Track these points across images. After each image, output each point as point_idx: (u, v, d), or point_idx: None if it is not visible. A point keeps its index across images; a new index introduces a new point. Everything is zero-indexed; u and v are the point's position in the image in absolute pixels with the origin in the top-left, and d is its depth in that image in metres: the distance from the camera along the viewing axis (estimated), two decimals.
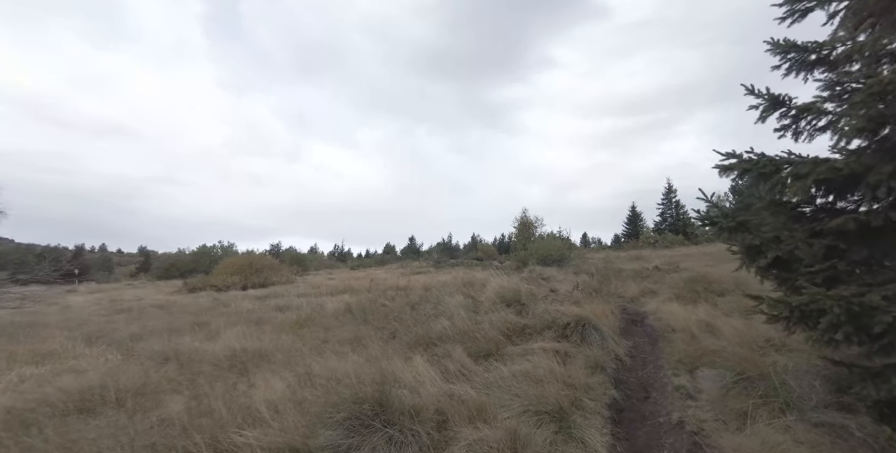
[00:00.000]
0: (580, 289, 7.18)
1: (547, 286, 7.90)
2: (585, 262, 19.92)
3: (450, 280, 11.47)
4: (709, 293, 7.54)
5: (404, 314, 6.24)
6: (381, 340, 4.80)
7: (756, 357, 4.00)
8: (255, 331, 5.81)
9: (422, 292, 8.53)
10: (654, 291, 8.97)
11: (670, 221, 34.31)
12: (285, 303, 8.59)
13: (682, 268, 11.82)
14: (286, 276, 20.63)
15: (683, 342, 4.84)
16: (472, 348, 4.25)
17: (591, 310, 5.99)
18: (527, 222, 26.79)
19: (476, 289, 7.78)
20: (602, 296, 8.05)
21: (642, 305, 8.16)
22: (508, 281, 7.24)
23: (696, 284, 8.27)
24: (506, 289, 6.69)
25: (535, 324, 5.14)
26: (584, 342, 4.68)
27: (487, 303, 6.29)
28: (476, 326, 4.86)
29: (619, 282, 11.02)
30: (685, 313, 6.09)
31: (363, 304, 7.51)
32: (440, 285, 10.20)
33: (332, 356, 3.88)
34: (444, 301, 6.35)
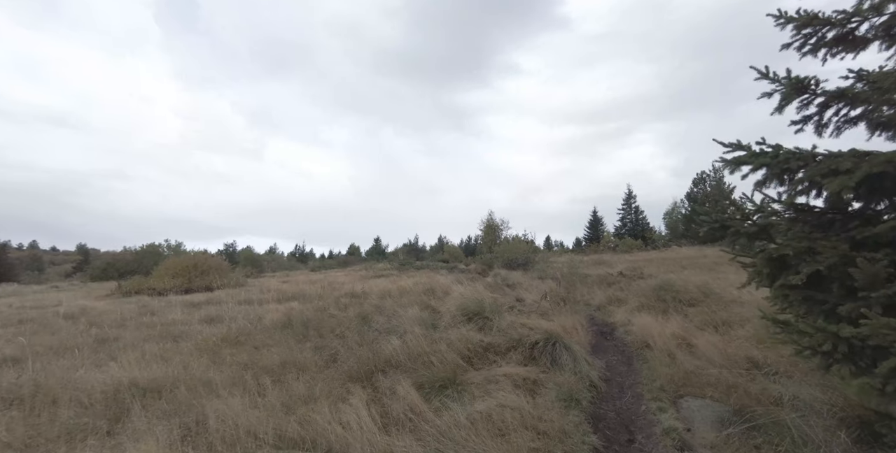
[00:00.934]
0: (548, 299, 6.62)
1: (513, 294, 7.30)
2: (550, 266, 19.70)
3: (411, 285, 10.67)
4: (678, 303, 7.21)
5: (353, 329, 5.40)
6: (317, 366, 3.96)
7: (745, 383, 3.53)
8: (167, 350, 4.78)
9: (378, 300, 7.70)
10: (622, 299, 8.60)
11: (630, 226, 35.16)
12: (220, 312, 7.48)
13: (647, 274, 11.64)
14: (236, 279, 19.04)
15: (661, 362, 4.34)
16: (425, 376, 3.50)
17: (561, 324, 5.42)
18: (493, 225, 26.43)
19: (437, 298, 7.05)
20: (570, 306, 7.56)
21: (610, 315, 7.74)
22: (472, 289, 6.56)
23: (664, 292, 7.95)
24: (469, 299, 5.99)
25: (501, 342, 4.47)
26: (554, 365, 4.06)
27: (448, 316, 5.57)
28: (432, 346, 4.11)
29: (584, 288, 10.65)
30: (657, 326, 5.64)
31: (308, 316, 6.59)
32: (400, 291, 9.38)
33: (244, 395, 3.01)
34: (399, 314, 5.57)
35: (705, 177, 28.47)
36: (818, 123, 2.30)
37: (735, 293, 7.14)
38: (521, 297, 7.06)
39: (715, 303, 6.70)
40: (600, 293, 9.66)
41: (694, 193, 29.06)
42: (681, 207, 30.80)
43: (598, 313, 8.24)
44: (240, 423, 2.40)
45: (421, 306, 6.41)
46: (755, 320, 5.41)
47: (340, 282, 16.10)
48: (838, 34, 2.30)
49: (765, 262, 2.18)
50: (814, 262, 1.91)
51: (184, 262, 17.46)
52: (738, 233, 2.24)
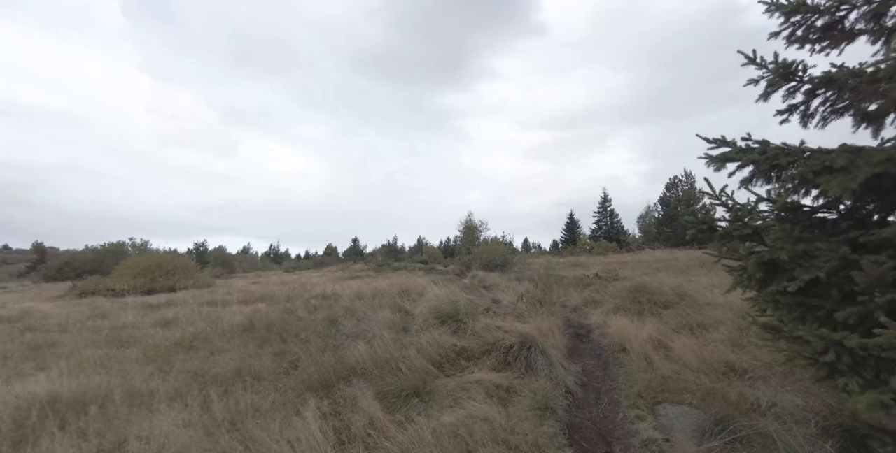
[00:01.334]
0: (524, 301, 6.45)
1: (489, 296, 7.10)
2: (527, 268, 19.71)
3: (385, 287, 10.35)
4: (653, 305, 7.17)
5: (319, 333, 5.07)
6: (275, 374, 3.63)
7: (723, 388, 3.43)
8: (110, 357, 4.34)
9: (349, 302, 7.36)
10: (598, 301, 8.54)
11: (605, 229, 35.76)
12: (178, 315, 6.98)
13: (622, 276, 11.69)
14: (204, 280, 18.18)
15: (638, 367, 4.21)
16: (392, 385, 3.23)
17: (537, 326, 5.24)
18: (471, 226, 26.30)
19: (411, 300, 6.78)
20: (546, 308, 7.42)
21: (586, 316, 7.65)
22: (447, 291, 6.32)
23: (639, 295, 7.93)
24: (443, 301, 5.75)
25: (474, 346, 4.24)
26: (529, 370, 3.86)
27: (421, 319, 5.31)
28: (401, 352, 3.84)
29: (561, 289, 10.59)
30: (633, 328, 5.54)
31: (273, 318, 6.20)
32: (374, 293, 9.05)
33: (185, 409, 2.66)
34: (369, 317, 5.27)
35: (678, 182, 29.23)
36: (804, 113, 2.18)
37: (708, 295, 7.17)
38: (497, 299, 6.87)
39: (689, 305, 6.69)
40: (576, 295, 9.60)
41: (667, 197, 29.79)
42: (654, 211, 31.54)
43: (575, 315, 8.14)
44: (168, 445, 2.08)
45: (393, 308, 6.12)
46: (729, 322, 5.39)
47: (314, 283, 15.57)
48: (827, 22, 2.18)
49: (756, 266, 2.02)
50: (812, 268, 1.75)
51: (146, 262, 16.53)
52: (728, 235, 2.08)
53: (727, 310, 5.92)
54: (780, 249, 1.87)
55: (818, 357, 1.74)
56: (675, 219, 27.84)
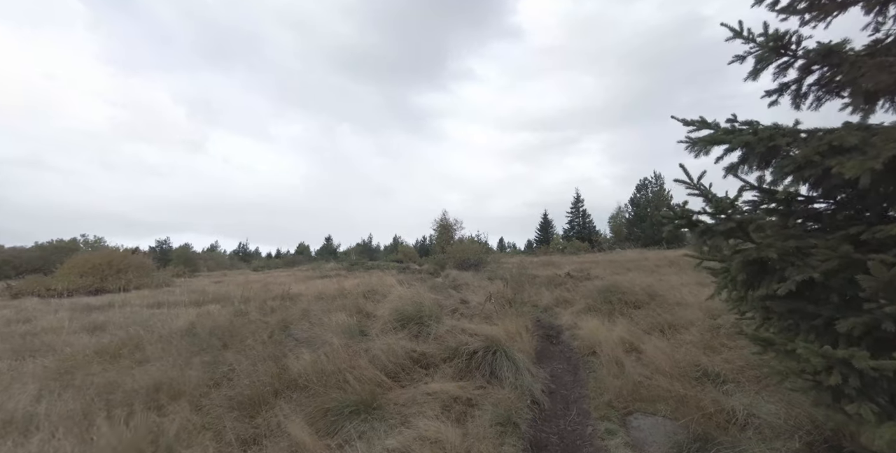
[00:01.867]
0: (493, 301, 6.13)
1: (458, 296, 6.74)
2: (501, 267, 19.54)
3: (352, 287, 9.85)
4: (624, 305, 7.02)
5: (266, 339, 4.58)
6: (202, 388, 3.13)
7: (697, 395, 3.19)
8: (9, 370, 3.72)
9: (308, 304, 6.84)
10: (569, 301, 8.36)
11: (577, 229, 36.24)
12: (114, 318, 6.28)
13: (593, 275, 11.62)
14: (162, 279, 17.05)
15: (608, 371, 3.95)
16: (335, 401, 2.81)
17: (504, 328, 4.93)
18: (446, 225, 25.98)
19: (374, 301, 6.34)
20: (516, 308, 7.14)
21: (557, 316, 7.43)
22: (412, 291, 5.92)
23: (610, 294, 7.78)
24: (407, 301, 5.35)
25: (435, 352, 3.87)
26: (493, 378, 3.52)
27: (381, 321, 4.89)
28: (352, 361, 3.42)
29: (533, 289, 10.38)
30: (604, 330, 5.32)
31: (221, 322, 5.63)
32: (339, 293, 8.55)
33: (67, 438, 2.16)
34: (325, 320, 4.82)
35: (648, 184, 29.87)
36: (796, 93, 1.92)
37: (678, 295, 7.09)
38: (466, 299, 6.53)
39: (660, 305, 6.55)
40: (548, 294, 9.40)
41: (637, 198, 30.40)
42: (625, 212, 32.15)
43: (545, 315, 7.92)
44: None
45: (354, 311, 5.67)
46: (700, 323, 5.25)
47: (279, 282, 14.83)
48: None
49: (741, 267, 1.73)
50: (805, 267, 1.48)
51: (95, 259, 15.30)
52: (710, 230, 1.78)
53: (697, 310, 5.79)
54: (768, 246, 1.59)
55: (819, 377, 1.46)
56: (645, 220, 28.44)
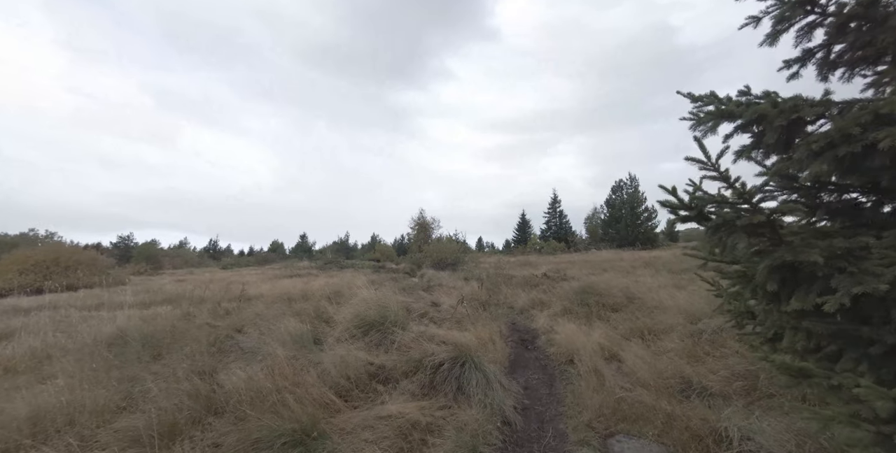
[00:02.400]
0: (464, 304, 5.71)
1: (429, 298, 6.29)
2: (478, 267, 19.21)
3: (319, 287, 9.25)
4: (601, 307, 6.74)
5: (207, 348, 4.00)
6: (105, 414, 2.57)
7: (685, 413, 2.86)
8: None
9: (265, 307, 6.25)
10: (545, 302, 8.05)
11: (554, 229, 36.42)
12: (33, 322, 5.51)
13: (570, 275, 11.40)
14: (118, 277, 15.87)
15: (587, 384, 3.59)
16: (267, 429, 2.30)
17: (476, 335, 4.51)
18: (424, 223, 25.47)
19: (337, 304, 5.81)
20: (491, 310, 6.76)
21: (533, 319, 7.09)
22: (379, 294, 5.43)
23: (587, 296, 7.51)
24: (371, 304, 4.86)
25: (397, 364, 3.41)
26: (460, 394, 3.09)
27: (340, 327, 4.39)
28: (296, 377, 2.92)
29: (509, 290, 10.05)
30: (582, 335, 4.99)
31: (161, 327, 4.99)
32: (302, 295, 7.95)
33: None
34: (273, 328, 4.27)
35: (623, 185, 30.23)
36: (824, 61, 1.57)
37: (656, 297, 6.87)
38: (437, 302, 6.08)
39: (638, 308, 6.30)
40: (524, 295, 9.08)
41: (612, 200, 30.73)
42: (600, 213, 32.48)
43: (521, 317, 7.58)
44: None
45: (313, 315, 5.13)
46: (681, 328, 4.99)
47: (246, 281, 13.98)
48: None
49: (768, 273, 1.34)
50: (864, 275, 1.10)
51: (38, 256, 14.05)
52: (727, 224, 1.37)
53: (677, 313, 5.55)
54: (807, 247, 1.21)
55: (883, 427, 1.07)
56: (620, 221, 28.77)
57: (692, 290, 7.28)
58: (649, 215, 28.66)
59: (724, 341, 4.23)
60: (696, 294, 6.89)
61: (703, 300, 6.34)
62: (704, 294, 6.98)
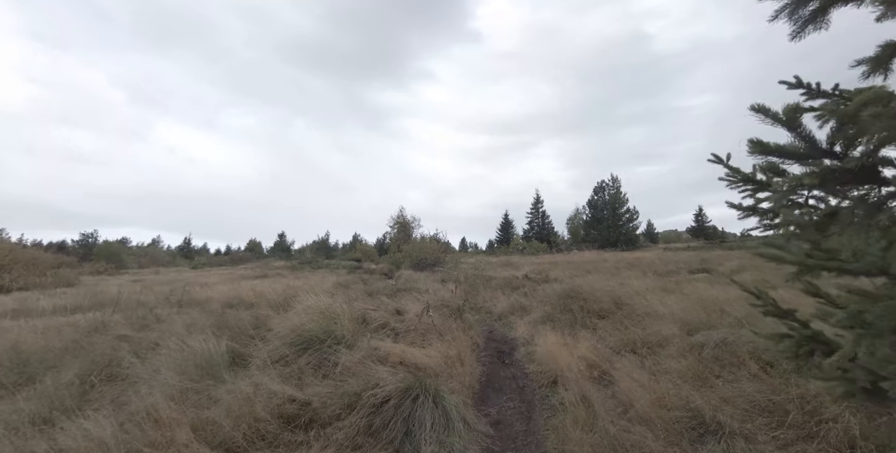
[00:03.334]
0: (429, 314, 4.91)
1: (392, 305, 5.46)
2: (458, 267, 18.46)
3: (278, 290, 8.30)
4: (586, 314, 6.05)
5: (92, 375, 3.09)
6: None
7: None
8: None
9: (200, 316, 5.32)
10: (525, 307, 7.33)
11: (537, 230, 36.03)
12: None
13: (552, 277, 10.75)
14: (65, 278, 14.48)
15: (573, 418, 2.84)
16: None
17: (442, 352, 3.72)
18: (404, 222, 24.57)
19: (285, 311, 4.93)
20: (466, 317, 5.98)
21: (512, 327, 6.36)
22: (331, 300, 4.59)
23: (571, 301, 6.82)
24: (316, 313, 4.02)
25: (328, 400, 2.58)
26: (408, 440, 2.29)
27: (274, 344, 3.52)
28: (160, 433, 2.06)
29: (488, 292, 9.32)
30: (566, 349, 4.27)
31: (62, 341, 4.04)
32: (254, 299, 7.01)
33: None
34: (187, 345, 3.38)
35: (605, 186, 29.99)
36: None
37: (645, 302, 6.21)
38: (402, 309, 5.26)
39: (627, 315, 5.62)
40: (504, 299, 8.35)
41: (594, 201, 30.47)
42: (582, 214, 32.21)
43: (499, 324, 6.84)
44: None
45: (245, 327, 4.25)
46: (678, 341, 4.31)
47: (206, 282, 12.86)
48: None
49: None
50: None
51: None
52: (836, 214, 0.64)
53: (671, 322, 4.89)
54: None
55: None
56: (602, 222, 28.50)
57: (683, 295, 6.67)
58: (631, 216, 28.48)
59: (730, 359, 3.56)
60: (688, 299, 6.28)
61: (698, 306, 5.72)
62: (698, 299, 6.38)
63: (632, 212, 28.21)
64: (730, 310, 5.16)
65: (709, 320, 4.83)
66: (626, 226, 27.92)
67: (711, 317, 4.95)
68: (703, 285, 7.86)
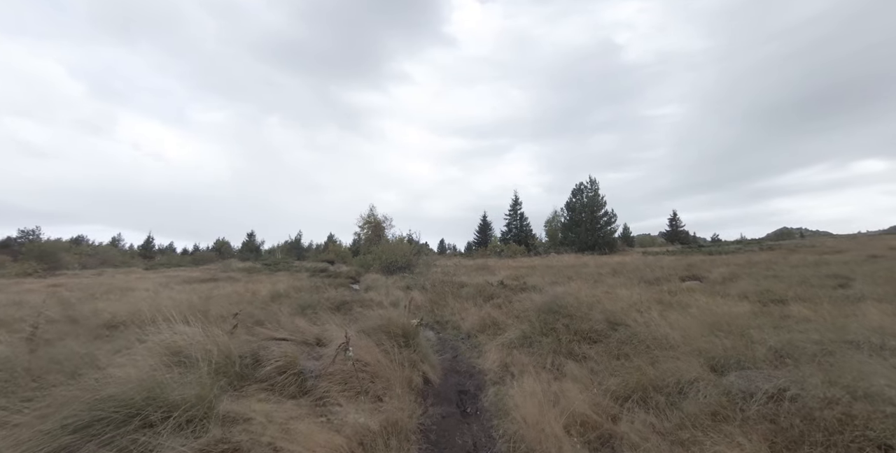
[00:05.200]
0: (346, 349, 3.47)
1: (312, 331, 3.96)
2: (430, 270, 17.07)
3: (181, 302, 6.67)
4: (573, 336, 4.74)
5: None
6: None
7: None
8: None
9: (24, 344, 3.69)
10: (499, 324, 5.99)
11: (515, 232, 35.04)
12: None
13: (531, 285, 9.48)
14: None
15: None
16: None
17: (361, 426, 2.31)
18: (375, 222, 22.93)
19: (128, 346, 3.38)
20: (417, 344, 4.55)
21: (482, 352, 5.01)
22: (195, 332, 3.09)
23: (554, 317, 5.52)
24: (168, 353, 2.53)
25: None
26: None
27: (25, 433, 1.98)
28: None
29: (458, 303, 7.94)
30: (548, 403, 2.96)
31: None
32: (153, 315, 5.40)
33: None
34: None
35: (583, 188, 29.25)
36: None
37: (646, 321, 4.96)
38: (325, 338, 3.78)
39: (626, 340, 4.34)
40: (475, 312, 7.00)
41: (572, 203, 29.69)
42: (560, 216, 31.40)
43: (467, 345, 5.47)
44: None
45: (72, 371, 2.70)
46: (708, 386, 3.05)
47: (135, 287, 10.95)
48: None
49: None
50: None
51: None
52: None
53: (688, 353, 3.62)
54: None
55: None
56: (581, 225, 27.69)
57: (685, 310, 5.47)
58: (609, 219, 27.80)
59: (803, 427, 2.29)
60: (695, 316, 5.08)
61: (710, 327, 4.52)
62: (707, 317, 5.17)
63: (610, 215, 27.52)
64: (756, 336, 3.97)
65: (734, 350, 3.60)
66: (604, 229, 27.19)
67: (736, 346, 3.73)
68: (701, 297, 6.73)
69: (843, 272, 8.44)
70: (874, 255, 10.82)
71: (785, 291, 6.93)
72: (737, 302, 6.22)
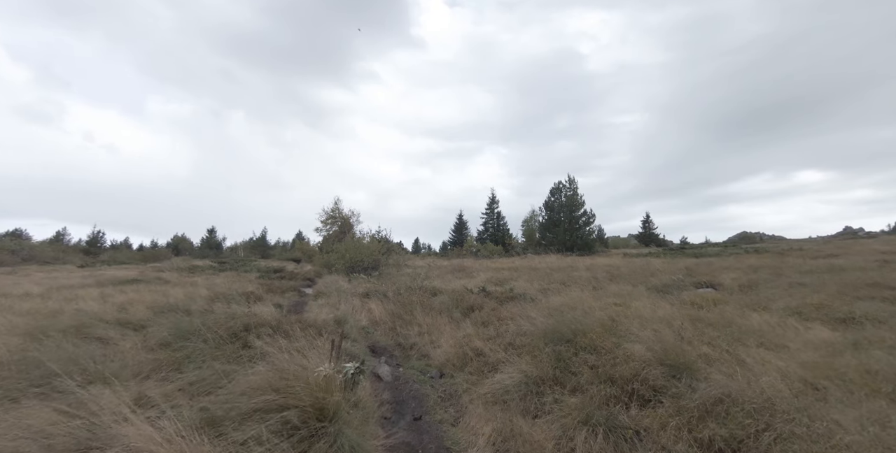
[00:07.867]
0: None
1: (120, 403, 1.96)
2: (400, 271, 15.07)
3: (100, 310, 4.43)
4: (607, 389, 2.93)
5: None
6: None
7: None
8: None
9: None
10: (486, 356, 4.10)
11: (492, 231, 33.46)
12: None
13: (519, 292, 7.65)
14: None
15: None
16: None
17: None
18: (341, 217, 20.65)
19: None
20: (335, 432, 2.61)
21: (459, 408, 3.14)
22: None
23: (568, 350, 3.69)
24: None
25: None
26: None
27: None
28: None
29: (428, 318, 6.00)
30: None
31: None
32: None
33: None
34: None
35: (562, 188, 28.00)
36: None
37: (716, 358, 3.24)
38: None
39: (713, 404, 2.55)
40: (451, 333, 5.10)
41: (551, 202, 28.39)
42: (538, 216, 30.06)
43: (436, 394, 3.55)
44: None
45: None
46: None
47: (29, 292, 8.37)
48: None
49: None
50: None
51: None
52: None
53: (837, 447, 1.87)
54: None
55: None
56: (559, 225, 26.36)
57: (789, 349, 3.67)
58: (588, 219, 26.63)
59: None
60: (793, 353, 3.40)
61: (829, 375, 2.85)
62: (821, 356, 3.32)
63: (588, 215, 26.35)
64: None
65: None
66: (582, 229, 25.99)
67: None
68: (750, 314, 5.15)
69: (877, 279, 7.06)
70: (886, 261, 9.71)
71: (838, 305, 5.47)
72: (802, 323, 4.67)
